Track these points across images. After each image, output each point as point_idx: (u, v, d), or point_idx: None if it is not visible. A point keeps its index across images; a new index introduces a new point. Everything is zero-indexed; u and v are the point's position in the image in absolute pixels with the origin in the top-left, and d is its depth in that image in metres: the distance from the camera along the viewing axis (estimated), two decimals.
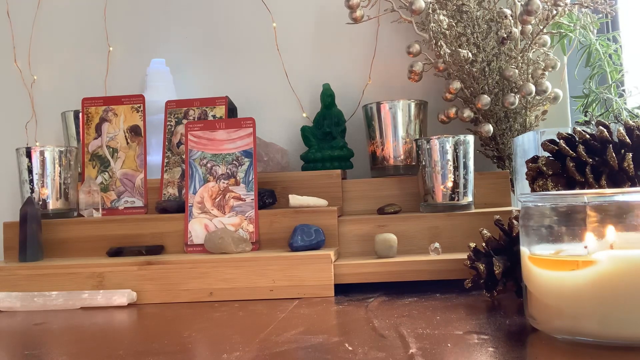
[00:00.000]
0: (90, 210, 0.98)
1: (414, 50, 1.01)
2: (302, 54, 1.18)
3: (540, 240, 0.53)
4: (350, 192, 1.00)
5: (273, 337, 0.57)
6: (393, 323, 0.61)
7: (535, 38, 0.97)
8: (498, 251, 0.70)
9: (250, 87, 1.18)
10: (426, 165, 0.92)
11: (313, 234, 0.85)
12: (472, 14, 0.99)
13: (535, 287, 0.53)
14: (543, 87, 0.98)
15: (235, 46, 1.20)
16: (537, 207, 0.54)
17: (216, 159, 0.94)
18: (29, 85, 1.25)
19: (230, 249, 0.84)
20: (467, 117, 0.98)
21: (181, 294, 0.80)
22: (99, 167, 1.04)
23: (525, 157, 0.77)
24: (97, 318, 0.73)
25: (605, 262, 0.48)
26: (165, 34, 1.22)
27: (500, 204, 0.98)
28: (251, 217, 0.90)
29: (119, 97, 1.07)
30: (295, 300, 0.76)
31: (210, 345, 0.58)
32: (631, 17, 1.15)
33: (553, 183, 0.69)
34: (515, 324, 0.59)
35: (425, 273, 0.79)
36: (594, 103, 1.04)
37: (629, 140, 0.65)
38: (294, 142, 1.15)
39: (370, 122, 1.04)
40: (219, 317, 0.70)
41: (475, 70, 0.98)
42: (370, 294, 0.77)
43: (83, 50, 1.24)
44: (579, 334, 0.49)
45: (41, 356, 0.57)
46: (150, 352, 0.55)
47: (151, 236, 0.93)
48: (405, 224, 0.89)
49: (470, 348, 0.51)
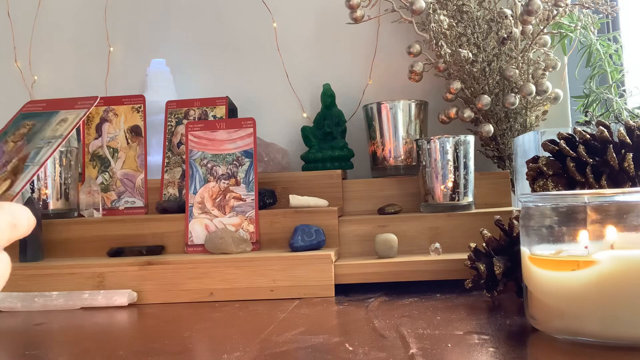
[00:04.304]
0: (90, 210, 0.99)
1: (414, 50, 1.01)
2: (303, 54, 1.18)
3: (540, 241, 0.53)
4: (351, 192, 1.00)
5: (273, 337, 0.57)
6: (393, 323, 0.61)
7: (535, 38, 0.97)
8: (498, 251, 0.70)
9: (250, 87, 1.19)
10: (426, 166, 0.92)
11: (313, 234, 0.85)
12: (472, 14, 0.99)
13: (536, 287, 0.53)
14: (543, 87, 0.98)
15: (236, 46, 1.20)
16: (537, 207, 0.54)
17: (216, 159, 0.94)
18: (29, 86, 1.25)
19: (230, 249, 0.84)
20: (467, 117, 0.98)
21: (181, 294, 0.80)
22: (99, 167, 1.04)
23: (525, 157, 0.77)
24: (97, 318, 0.73)
25: (606, 262, 0.48)
26: (166, 34, 1.22)
27: (501, 204, 0.98)
28: (251, 217, 0.90)
29: (120, 97, 1.07)
30: (296, 301, 0.76)
31: (210, 345, 0.58)
32: (632, 18, 1.15)
33: (553, 183, 0.69)
34: (515, 324, 0.59)
35: (426, 273, 0.79)
36: (595, 103, 1.04)
37: (630, 141, 0.65)
38: (294, 142, 1.15)
39: (370, 122, 1.04)
40: (219, 318, 0.70)
41: (476, 71, 0.98)
42: (370, 294, 0.77)
43: (83, 50, 1.24)
44: (579, 334, 0.49)
45: (42, 356, 0.57)
46: (151, 352, 0.55)
47: (151, 236, 0.93)
48: (405, 224, 0.89)
49: (470, 348, 0.51)
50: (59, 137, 0.44)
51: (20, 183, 0.41)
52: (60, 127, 0.45)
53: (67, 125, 0.45)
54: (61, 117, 0.46)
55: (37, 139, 0.44)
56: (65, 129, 0.44)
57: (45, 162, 0.42)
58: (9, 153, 0.44)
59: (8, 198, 0.40)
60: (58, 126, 0.45)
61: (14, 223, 0.37)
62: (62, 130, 0.44)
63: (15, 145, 0.44)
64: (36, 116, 0.47)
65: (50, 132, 0.45)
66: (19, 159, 0.43)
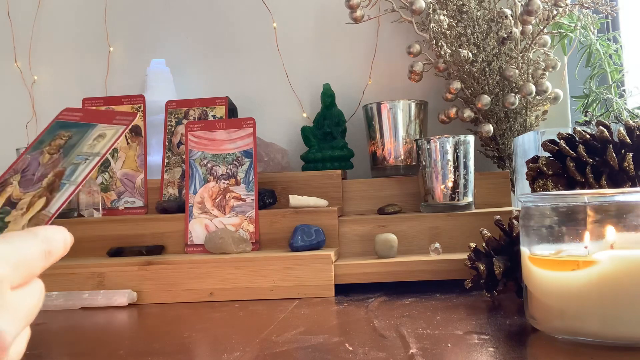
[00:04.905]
0: (90, 210, 0.98)
1: (414, 50, 1.01)
2: (303, 54, 1.18)
3: (540, 241, 0.53)
4: (351, 192, 1.00)
5: (273, 337, 0.57)
6: (393, 323, 0.61)
7: (535, 38, 0.97)
8: (498, 251, 0.70)
9: (250, 87, 1.19)
10: (426, 166, 0.92)
11: (313, 234, 0.85)
12: (472, 14, 0.99)
13: (536, 287, 0.53)
14: (543, 87, 0.98)
15: (236, 46, 1.20)
16: (537, 207, 0.54)
17: (216, 159, 0.94)
18: (29, 86, 1.25)
19: (230, 249, 0.84)
20: (467, 117, 0.98)
21: (181, 294, 0.80)
22: (99, 167, 1.04)
23: (525, 157, 0.77)
24: (97, 318, 0.73)
25: (606, 262, 0.48)
26: (165, 34, 1.22)
27: (501, 204, 0.98)
28: (251, 217, 0.90)
29: (120, 97, 1.07)
30: (296, 301, 0.76)
31: (210, 345, 0.58)
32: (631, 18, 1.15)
33: (553, 183, 0.69)
34: (515, 324, 0.59)
35: (426, 273, 0.79)
36: (594, 103, 1.04)
37: (630, 141, 0.65)
38: (294, 142, 1.15)
39: (370, 122, 1.04)
40: (219, 317, 0.70)
41: (476, 71, 0.98)
42: (370, 294, 0.77)
43: (83, 50, 1.24)
44: (579, 334, 0.49)
45: (41, 356, 0.57)
46: (151, 352, 0.55)
47: (151, 236, 0.93)
48: (405, 224, 0.89)
49: (470, 348, 0.51)
50: (97, 155, 0.42)
51: (57, 203, 0.39)
52: (97, 144, 0.43)
53: (105, 142, 0.43)
54: (99, 131, 0.44)
55: (73, 153, 0.43)
56: (103, 147, 0.42)
57: (82, 181, 0.41)
58: (44, 165, 0.42)
59: (43, 219, 0.39)
60: (95, 142, 0.43)
61: (49, 250, 0.35)
62: (99, 147, 0.43)
63: (51, 158, 0.43)
64: (73, 126, 0.45)
65: (87, 147, 0.43)
66: (54, 175, 0.41)
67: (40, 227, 0.36)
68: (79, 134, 0.44)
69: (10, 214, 0.40)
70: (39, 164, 0.43)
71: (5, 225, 0.39)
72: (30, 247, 0.34)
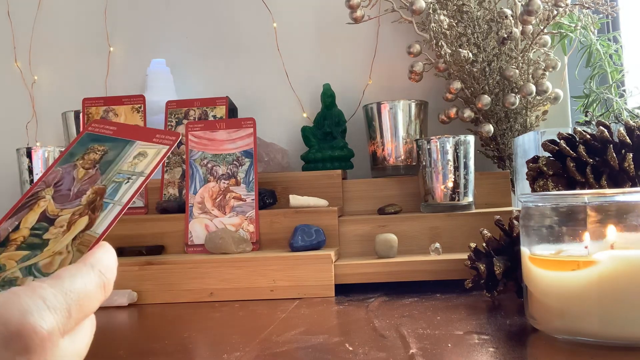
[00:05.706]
0: None
1: (414, 50, 1.01)
2: (303, 54, 1.18)
3: (540, 241, 0.53)
4: (351, 192, 1.00)
5: (273, 337, 0.57)
6: (393, 323, 0.61)
7: (535, 38, 0.97)
8: (498, 251, 0.69)
9: (250, 87, 1.19)
10: (427, 166, 0.92)
11: (313, 234, 0.85)
12: (472, 14, 0.99)
13: (536, 287, 0.53)
14: (543, 87, 0.98)
15: (236, 46, 1.20)
16: (537, 207, 0.54)
17: (217, 159, 0.94)
18: (29, 86, 1.25)
19: (230, 249, 0.84)
20: (467, 117, 0.98)
21: (181, 294, 0.80)
22: None
23: (525, 157, 0.77)
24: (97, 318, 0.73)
25: (606, 263, 0.48)
26: (166, 34, 1.22)
27: (501, 204, 0.98)
28: (251, 217, 0.90)
29: (120, 97, 1.07)
30: (296, 301, 0.76)
31: (210, 345, 0.58)
32: (632, 18, 1.15)
33: (553, 183, 0.69)
34: (515, 324, 0.58)
35: (426, 273, 0.79)
36: (595, 103, 1.04)
37: (630, 141, 0.65)
38: (294, 142, 1.15)
39: (370, 122, 1.04)
40: (219, 317, 0.70)
41: (476, 71, 0.98)
42: (370, 294, 0.77)
43: (83, 50, 1.24)
44: (579, 334, 0.49)
45: None
46: (151, 352, 0.55)
47: (151, 236, 0.92)
48: (405, 224, 0.89)
49: (470, 348, 0.51)
50: (140, 175, 0.40)
51: (103, 223, 0.37)
52: (139, 163, 0.41)
53: (147, 161, 0.40)
54: (138, 149, 0.41)
55: (112, 170, 0.40)
56: (146, 167, 0.40)
57: (129, 202, 0.38)
58: (80, 181, 0.40)
59: (90, 240, 0.36)
60: (136, 160, 0.41)
61: (104, 283, 0.31)
62: (142, 167, 0.40)
63: (87, 173, 0.40)
64: (106, 140, 0.43)
65: (128, 166, 0.40)
66: (94, 192, 0.39)
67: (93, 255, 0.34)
68: (115, 149, 0.42)
69: (49, 230, 0.37)
70: (73, 178, 0.40)
71: (45, 243, 0.37)
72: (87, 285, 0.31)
